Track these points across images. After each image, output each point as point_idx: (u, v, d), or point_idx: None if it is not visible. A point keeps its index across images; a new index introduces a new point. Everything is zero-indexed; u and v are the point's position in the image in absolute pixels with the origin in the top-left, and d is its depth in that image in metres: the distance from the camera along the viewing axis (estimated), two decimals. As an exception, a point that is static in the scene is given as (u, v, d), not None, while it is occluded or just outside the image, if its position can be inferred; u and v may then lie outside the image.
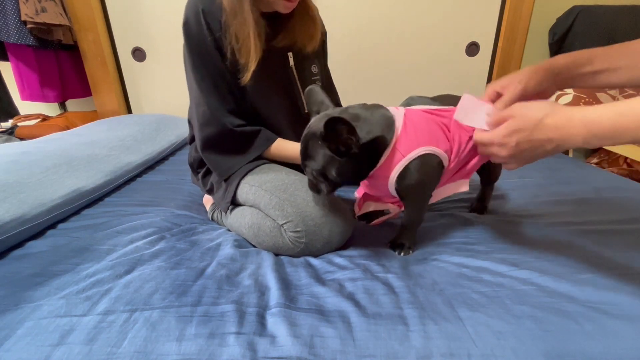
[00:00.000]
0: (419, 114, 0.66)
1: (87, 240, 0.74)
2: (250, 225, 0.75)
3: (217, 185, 0.84)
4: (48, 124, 1.68)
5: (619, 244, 0.71)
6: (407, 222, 0.71)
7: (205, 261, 0.67)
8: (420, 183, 0.65)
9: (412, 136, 0.63)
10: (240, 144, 0.79)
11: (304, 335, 0.48)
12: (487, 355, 0.45)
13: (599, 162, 1.67)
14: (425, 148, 0.63)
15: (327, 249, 0.71)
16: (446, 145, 0.65)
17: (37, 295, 0.56)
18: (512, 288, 0.57)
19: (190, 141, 0.92)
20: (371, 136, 0.60)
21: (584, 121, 0.45)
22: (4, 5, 1.39)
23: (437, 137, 0.65)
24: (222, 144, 0.78)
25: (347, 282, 0.60)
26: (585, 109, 0.46)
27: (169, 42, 1.73)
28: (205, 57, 0.74)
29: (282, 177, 0.75)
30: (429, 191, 0.69)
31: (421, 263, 0.67)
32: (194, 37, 0.73)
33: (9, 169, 0.83)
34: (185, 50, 0.76)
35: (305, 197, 0.71)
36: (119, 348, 0.46)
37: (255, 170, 0.79)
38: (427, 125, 0.65)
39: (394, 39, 1.74)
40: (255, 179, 0.77)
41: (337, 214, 0.71)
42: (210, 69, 0.75)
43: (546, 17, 1.70)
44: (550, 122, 0.48)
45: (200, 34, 0.72)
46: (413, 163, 0.63)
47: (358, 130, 0.56)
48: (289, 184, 0.74)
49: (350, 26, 1.71)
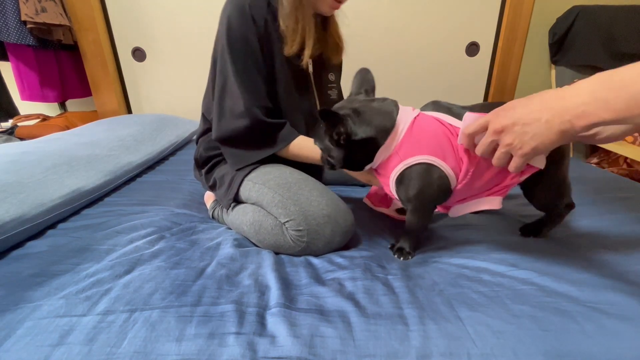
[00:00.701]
0: (432, 122, 0.63)
1: (87, 240, 0.74)
2: (251, 222, 0.75)
3: (220, 182, 0.84)
4: (48, 124, 1.68)
5: (619, 244, 0.71)
6: (407, 228, 0.71)
7: (205, 261, 0.67)
8: (420, 192, 0.63)
9: (415, 142, 0.62)
10: (268, 136, 0.79)
11: (304, 335, 0.48)
12: (486, 355, 0.45)
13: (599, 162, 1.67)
14: (426, 157, 0.61)
15: (328, 249, 0.71)
16: (453, 163, 0.62)
17: (36, 295, 0.56)
18: (511, 288, 0.57)
19: (200, 136, 0.93)
20: (363, 135, 0.61)
21: (578, 87, 0.43)
22: (4, 5, 1.39)
23: (443, 151, 0.61)
24: (250, 136, 0.79)
25: (347, 282, 0.60)
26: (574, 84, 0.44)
27: (169, 42, 1.74)
28: (247, 51, 0.75)
29: (286, 175, 0.76)
30: (431, 203, 0.67)
31: (421, 264, 0.67)
32: (236, 30, 0.74)
33: (9, 169, 0.83)
34: (223, 44, 0.75)
35: (308, 197, 0.71)
36: (119, 348, 0.46)
37: (259, 167, 0.80)
38: (435, 136, 0.62)
39: (393, 39, 1.74)
40: (259, 177, 0.77)
41: (340, 214, 0.71)
42: (249, 63, 0.76)
43: (546, 17, 1.70)
44: (538, 98, 0.47)
45: (246, 27, 0.74)
46: (413, 170, 0.62)
47: (352, 126, 0.57)
48: (293, 182, 0.74)
49: (350, 26, 1.71)
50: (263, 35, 0.76)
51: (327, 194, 0.73)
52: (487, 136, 0.52)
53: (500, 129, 0.50)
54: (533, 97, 0.48)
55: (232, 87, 0.76)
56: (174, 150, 1.49)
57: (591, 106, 0.41)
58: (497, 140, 0.51)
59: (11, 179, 0.79)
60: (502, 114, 0.50)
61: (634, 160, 1.52)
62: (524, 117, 0.47)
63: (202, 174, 0.90)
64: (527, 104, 0.47)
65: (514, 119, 0.48)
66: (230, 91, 0.76)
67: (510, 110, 0.49)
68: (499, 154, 0.52)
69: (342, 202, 0.74)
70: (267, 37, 0.76)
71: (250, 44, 0.75)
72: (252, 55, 0.76)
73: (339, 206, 0.72)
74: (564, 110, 0.44)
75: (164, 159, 1.41)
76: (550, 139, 0.46)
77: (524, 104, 0.48)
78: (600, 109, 0.41)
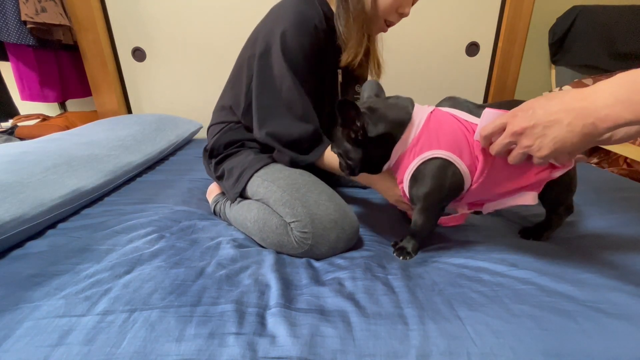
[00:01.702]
0: (448, 118, 0.62)
1: (87, 240, 0.74)
2: (256, 219, 0.75)
3: (229, 174, 0.85)
4: (48, 124, 1.68)
5: (619, 244, 0.71)
6: (412, 228, 0.69)
7: (205, 260, 0.67)
8: (431, 191, 0.62)
9: (432, 137, 0.61)
10: (316, 141, 0.82)
11: (304, 335, 0.48)
12: (486, 354, 0.45)
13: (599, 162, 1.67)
14: (443, 153, 0.60)
15: (331, 254, 0.71)
16: (469, 161, 0.60)
17: (36, 295, 0.56)
18: (511, 288, 0.57)
19: (212, 125, 0.95)
20: (378, 131, 0.61)
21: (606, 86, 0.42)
22: (4, 5, 1.39)
23: (460, 148, 0.60)
24: (309, 140, 0.80)
25: (347, 281, 0.60)
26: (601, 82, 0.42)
27: (169, 42, 1.74)
28: (305, 57, 0.78)
29: (295, 176, 0.76)
30: (440, 203, 0.65)
31: (421, 263, 0.67)
32: (293, 39, 0.76)
33: (9, 169, 0.83)
34: (279, 55, 0.76)
35: (317, 200, 0.71)
36: (118, 348, 0.46)
37: (270, 165, 0.80)
38: (453, 132, 0.61)
39: (393, 39, 1.73)
40: (269, 174, 0.78)
41: (346, 221, 0.71)
42: (304, 70, 0.79)
43: (546, 17, 1.70)
44: (560, 96, 0.45)
45: (312, 38, 0.78)
46: (428, 166, 0.61)
47: (368, 121, 0.57)
48: (302, 184, 0.74)
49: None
50: (317, 45, 0.79)
51: (335, 198, 0.73)
52: (505, 137, 0.51)
53: (520, 130, 0.49)
54: (551, 97, 0.46)
55: (288, 91, 0.77)
56: (174, 150, 1.49)
57: (615, 108, 0.41)
58: (515, 141, 0.51)
59: (11, 179, 0.78)
60: (521, 115, 0.49)
61: (634, 160, 1.52)
62: (544, 119, 0.46)
63: (212, 163, 0.91)
64: (546, 105, 0.46)
65: (534, 121, 0.47)
66: (287, 95, 0.78)
67: (529, 111, 0.48)
68: (515, 154, 0.52)
69: (349, 208, 0.74)
70: (320, 46, 0.80)
71: (306, 52, 0.78)
72: (307, 63, 0.78)
73: (346, 212, 0.72)
74: (586, 112, 0.43)
75: (164, 158, 1.41)
76: (572, 141, 0.45)
77: (542, 105, 0.47)
78: (625, 111, 0.40)
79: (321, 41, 0.80)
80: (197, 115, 1.76)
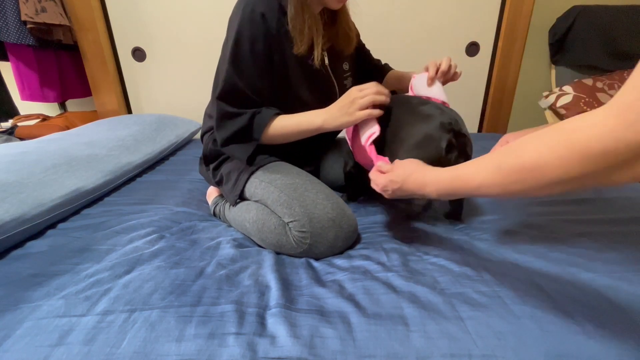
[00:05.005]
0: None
1: (87, 240, 0.74)
2: (254, 220, 0.75)
3: (227, 178, 0.85)
4: (48, 124, 1.68)
5: (619, 244, 0.71)
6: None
7: (205, 261, 0.67)
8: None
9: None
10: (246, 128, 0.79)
11: (304, 335, 0.48)
12: (487, 356, 0.45)
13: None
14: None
15: (329, 253, 0.71)
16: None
17: (36, 295, 0.56)
18: (512, 288, 0.57)
19: (204, 134, 0.94)
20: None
21: (433, 180, 0.55)
22: (4, 5, 1.39)
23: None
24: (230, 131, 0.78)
25: (347, 282, 0.60)
26: (435, 170, 0.56)
27: (169, 42, 1.73)
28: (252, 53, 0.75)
29: (293, 176, 0.76)
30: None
31: (421, 262, 0.67)
32: (245, 33, 0.74)
33: (9, 169, 0.83)
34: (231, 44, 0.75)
35: (314, 199, 0.71)
36: (118, 348, 0.46)
37: (267, 166, 0.80)
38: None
39: (393, 39, 1.74)
40: (266, 175, 0.78)
41: (344, 219, 0.71)
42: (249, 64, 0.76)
43: (546, 17, 1.70)
44: (412, 179, 0.58)
45: (255, 30, 0.74)
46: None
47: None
48: (300, 184, 0.74)
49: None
50: (275, 38, 0.76)
51: (333, 197, 0.73)
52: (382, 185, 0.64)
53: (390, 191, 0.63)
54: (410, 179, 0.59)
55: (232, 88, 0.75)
56: (174, 150, 1.49)
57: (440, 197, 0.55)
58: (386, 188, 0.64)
59: (11, 179, 0.78)
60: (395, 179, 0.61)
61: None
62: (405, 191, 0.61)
63: (210, 170, 0.90)
64: (408, 184, 0.59)
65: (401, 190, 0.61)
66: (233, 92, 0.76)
67: (398, 184, 0.61)
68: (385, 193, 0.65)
69: (347, 207, 0.74)
70: (278, 39, 0.76)
71: (256, 46, 0.74)
72: (254, 57, 0.75)
73: (344, 211, 0.72)
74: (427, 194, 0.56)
75: (164, 159, 1.41)
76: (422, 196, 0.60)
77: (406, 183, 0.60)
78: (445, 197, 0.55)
79: (273, 31, 0.76)
80: (197, 115, 1.75)
